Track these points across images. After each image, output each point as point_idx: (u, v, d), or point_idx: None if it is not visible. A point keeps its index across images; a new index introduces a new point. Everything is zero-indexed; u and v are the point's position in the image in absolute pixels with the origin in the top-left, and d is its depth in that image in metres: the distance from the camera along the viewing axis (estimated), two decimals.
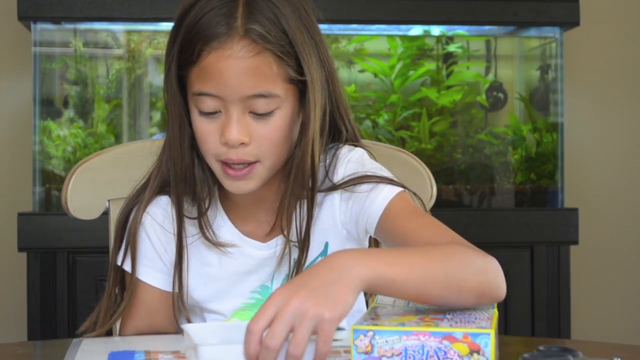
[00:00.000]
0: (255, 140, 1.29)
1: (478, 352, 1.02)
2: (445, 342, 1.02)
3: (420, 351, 1.01)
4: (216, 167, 1.33)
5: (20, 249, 2.64)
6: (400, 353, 1.01)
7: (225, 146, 1.29)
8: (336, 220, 1.40)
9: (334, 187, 1.37)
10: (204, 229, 1.38)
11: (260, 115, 1.29)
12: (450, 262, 1.13)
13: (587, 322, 3.18)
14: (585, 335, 3.13)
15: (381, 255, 1.08)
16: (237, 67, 1.26)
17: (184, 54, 1.30)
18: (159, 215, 1.41)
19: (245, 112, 1.28)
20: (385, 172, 1.39)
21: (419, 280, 1.08)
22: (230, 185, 1.33)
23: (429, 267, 1.10)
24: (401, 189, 1.35)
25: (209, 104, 1.29)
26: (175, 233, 1.39)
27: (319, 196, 1.38)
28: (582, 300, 3.15)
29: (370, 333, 1.01)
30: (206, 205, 1.39)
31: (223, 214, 1.42)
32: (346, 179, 1.37)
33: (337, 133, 1.43)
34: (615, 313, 3.24)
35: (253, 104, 1.28)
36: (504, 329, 2.79)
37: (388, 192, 1.34)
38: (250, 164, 1.30)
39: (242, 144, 1.29)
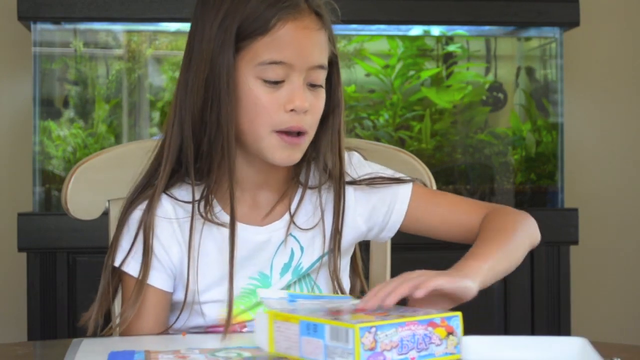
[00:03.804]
0: (310, 111, 1.37)
1: (452, 334, 1.09)
2: (430, 328, 1.08)
3: (412, 340, 1.05)
4: (269, 139, 1.36)
5: (20, 249, 2.63)
6: (397, 344, 1.04)
7: (289, 114, 1.35)
8: (352, 216, 1.46)
9: (354, 182, 1.46)
10: (209, 206, 1.40)
11: (313, 87, 1.37)
12: (512, 236, 1.39)
13: (587, 322, 3.18)
14: (585, 335, 3.13)
15: (482, 260, 1.30)
16: (311, 37, 1.36)
17: (250, 25, 1.34)
18: (162, 215, 1.41)
19: (305, 83, 1.36)
20: (389, 172, 1.49)
21: (505, 263, 1.35)
22: (281, 154, 1.37)
23: (506, 245, 1.36)
24: (410, 181, 1.48)
25: (277, 73, 1.34)
26: (191, 217, 1.40)
27: (330, 191, 1.45)
28: (582, 300, 3.15)
29: (374, 329, 1.03)
30: (206, 190, 1.41)
31: (214, 201, 1.42)
32: (364, 177, 1.46)
33: None
34: (615, 313, 3.24)
35: (312, 74, 1.36)
36: (504, 328, 2.79)
37: (404, 190, 1.46)
38: (301, 134, 1.37)
39: (305, 112, 1.36)
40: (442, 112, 3.03)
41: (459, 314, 1.11)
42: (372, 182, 1.46)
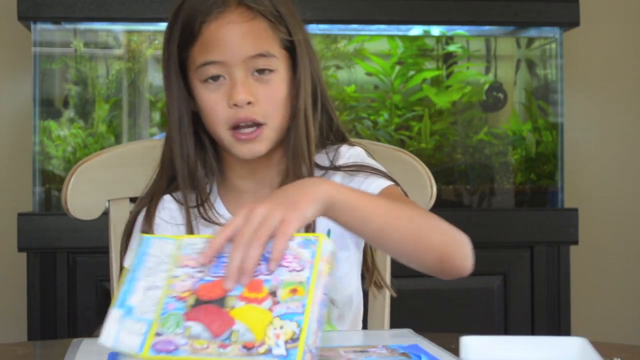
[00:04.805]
0: (259, 101, 1.37)
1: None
2: (325, 280, 1.01)
3: (322, 306, 1.00)
4: (227, 136, 1.39)
5: (20, 249, 2.63)
6: (318, 330, 0.99)
7: (233, 108, 1.37)
8: None
9: (336, 168, 1.44)
10: (207, 211, 1.42)
11: (261, 77, 1.38)
12: (418, 215, 1.21)
13: (587, 322, 3.18)
14: (585, 335, 3.13)
15: (352, 189, 1.16)
16: (236, 30, 1.37)
17: (184, 36, 1.39)
18: (165, 216, 1.44)
19: (248, 75, 1.37)
20: (382, 168, 1.46)
21: (382, 218, 1.16)
22: (242, 150, 1.39)
23: (394, 210, 1.19)
24: (393, 182, 1.41)
25: (213, 72, 1.37)
26: (185, 224, 1.42)
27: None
28: (582, 300, 3.15)
29: (310, 355, 0.97)
30: (209, 190, 1.43)
31: (220, 204, 1.45)
32: (347, 164, 1.44)
33: (337, 135, 1.49)
34: (615, 313, 3.24)
35: (255, 63, 1.37)
36: (504, 328, 2.79)
37: (381, 182, 1.40)
38: (258, 127, 1.38)
39: (249, 103, 1.37)
40: (442, 112, 3.03)
41: (319, 235, 1.03)
42: (359, 169, 1.43)
